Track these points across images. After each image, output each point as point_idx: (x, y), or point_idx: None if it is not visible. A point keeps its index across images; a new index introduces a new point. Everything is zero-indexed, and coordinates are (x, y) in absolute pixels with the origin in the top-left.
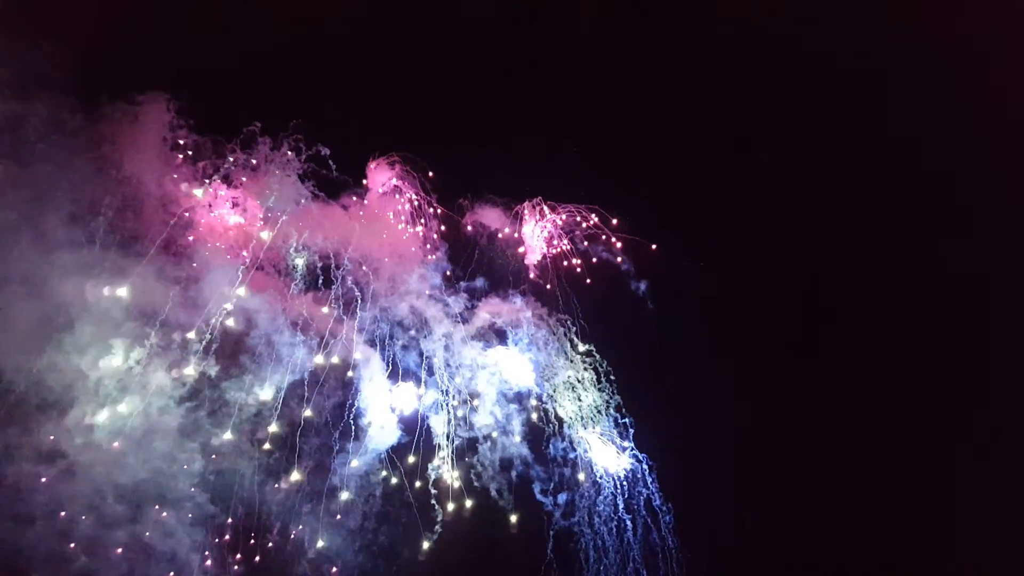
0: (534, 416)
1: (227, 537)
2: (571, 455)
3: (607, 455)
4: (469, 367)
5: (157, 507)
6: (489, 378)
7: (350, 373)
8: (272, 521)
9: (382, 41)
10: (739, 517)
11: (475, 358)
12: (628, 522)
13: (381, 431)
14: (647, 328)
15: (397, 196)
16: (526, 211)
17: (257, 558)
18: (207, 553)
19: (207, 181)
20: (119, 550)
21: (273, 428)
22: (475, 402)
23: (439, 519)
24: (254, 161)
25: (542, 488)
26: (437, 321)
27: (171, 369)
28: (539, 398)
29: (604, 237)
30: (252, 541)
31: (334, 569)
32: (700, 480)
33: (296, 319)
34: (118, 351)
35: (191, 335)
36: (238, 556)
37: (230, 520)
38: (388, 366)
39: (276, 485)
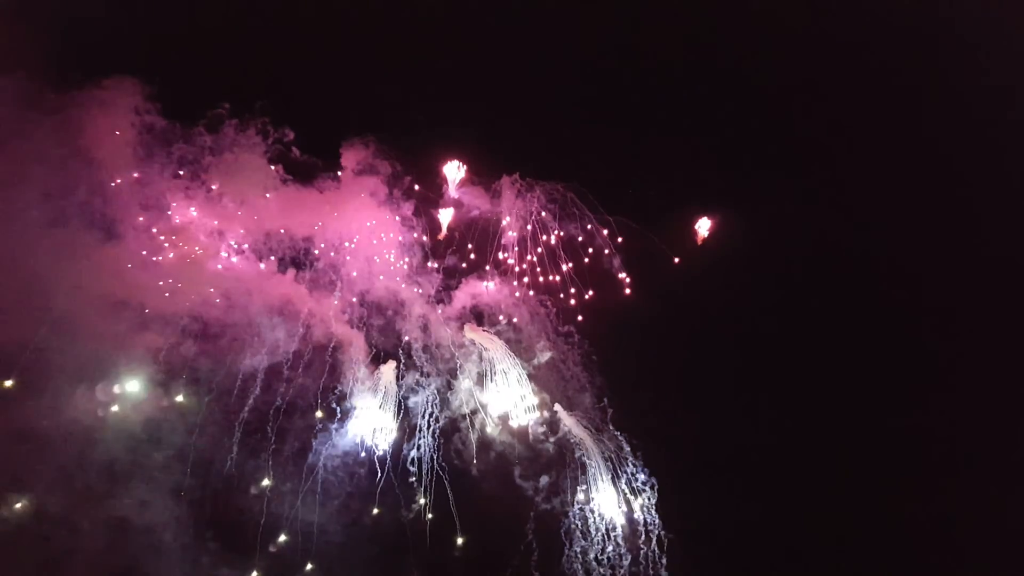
0: (515, 397)
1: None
2: (552, 438)
3: (590, 437)
4: (449, 347)
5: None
6: (469, 359)
7: (328, 358)
8: (250, 497)
9: (355, 18)
10: (725, 499)
11: (454, 338)
12: (610, 504)
13: (363, 411)
14: (629, 309)
15: (373, 177)
16: (505, 187)
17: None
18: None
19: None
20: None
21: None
22: (456, 383)
23: (417, 498)
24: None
25: (521, 473)
26: (415, 302)
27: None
28: (520, 379)
29: (579, 213)
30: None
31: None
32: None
33: (275, 302)
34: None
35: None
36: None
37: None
38: (371, 348)
39: (256, 463)
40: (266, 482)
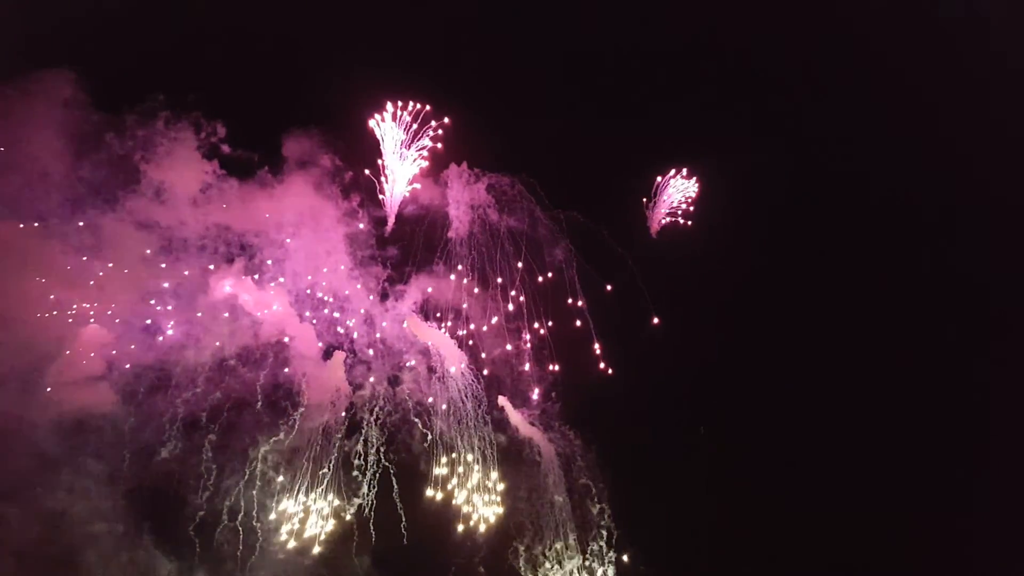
0: (462, 391)
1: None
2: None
3: (538, 433)
4: (396, 342)
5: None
6: (418, 354)
7: (273, 352)
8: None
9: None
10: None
11: (401, 333)
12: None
13: (310, 406)
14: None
15: (317, 169)
16: (452, 178)
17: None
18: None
19: None
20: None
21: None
22: (403, 377)
23: (361, 491)
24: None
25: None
26: (361, 296)
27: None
28: (469, 374)
29: (527, 204)
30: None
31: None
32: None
33: (217, 297)
34: None
35: None
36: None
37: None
38: (318, 342)
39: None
40: (207, 475)
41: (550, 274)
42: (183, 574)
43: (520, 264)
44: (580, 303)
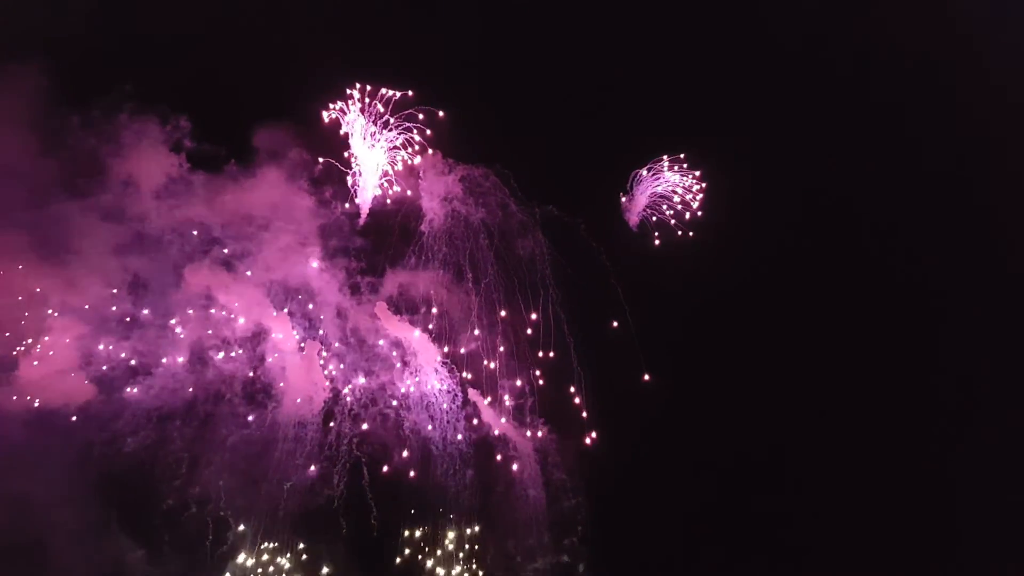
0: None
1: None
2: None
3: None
4: (369, 335)
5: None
6: (391, 347)
7: (237, 350)
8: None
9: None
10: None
11: (374, 325)
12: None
13: (284, 398)
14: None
15: (287, 161)
16: (423, 169)
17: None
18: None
19: None
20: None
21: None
22: (375, 370)
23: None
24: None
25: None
26: (333, 289)
27: None
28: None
29: (501, 196)
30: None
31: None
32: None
33: (194, 291)
34: None
35: None
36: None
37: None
38: (296, 335)
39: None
40: (178, 466)
41: (524, 269)
42: (152, 562)
43: (493, 257)
44: (551, 299)
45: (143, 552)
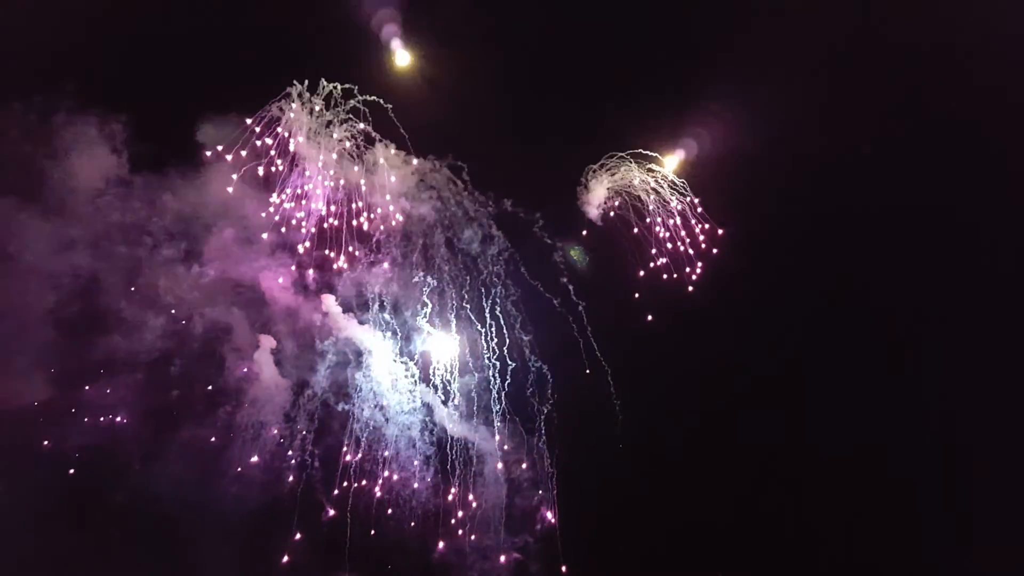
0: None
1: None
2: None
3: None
4: (320, 332)
5: None
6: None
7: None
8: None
9: None
10: None
11: (327, 324)
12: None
13: (239, 396)
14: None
15: (233, 158)
16: (374, 162)
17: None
18: None
19: None
20: None
21: None
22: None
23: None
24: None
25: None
26: (285, 286)
27: None
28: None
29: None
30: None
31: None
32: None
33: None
34: None
35: None
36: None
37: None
38: (250, 332)
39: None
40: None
41: (482, 265)
42: (108, 559)
43: (446, 253)
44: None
45: (98, 549)
